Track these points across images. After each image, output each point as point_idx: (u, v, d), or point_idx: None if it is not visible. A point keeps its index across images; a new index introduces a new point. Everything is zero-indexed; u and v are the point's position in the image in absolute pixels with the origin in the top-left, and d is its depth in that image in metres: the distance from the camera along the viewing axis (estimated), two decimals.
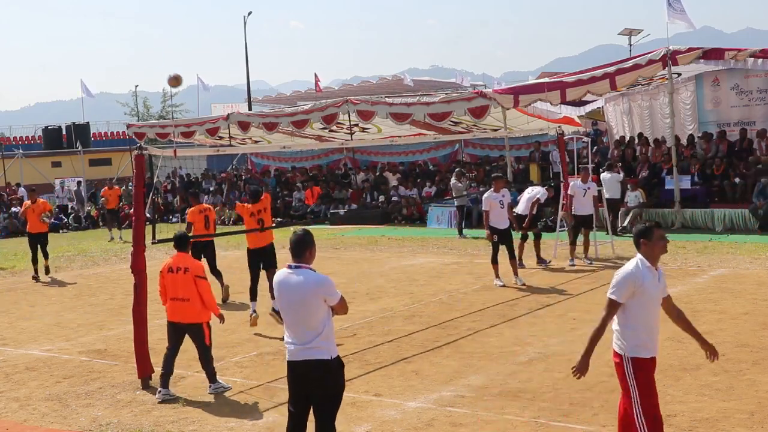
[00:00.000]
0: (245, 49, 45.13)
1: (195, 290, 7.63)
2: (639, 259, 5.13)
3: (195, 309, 7.68)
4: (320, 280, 5.29)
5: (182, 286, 7.66)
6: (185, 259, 7.81)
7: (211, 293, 7.80)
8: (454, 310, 11.25)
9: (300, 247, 5.37)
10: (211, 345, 7.92)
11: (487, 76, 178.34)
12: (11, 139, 49.68)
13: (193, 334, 7.81)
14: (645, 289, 5.06)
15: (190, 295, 7.64)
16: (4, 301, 13.97)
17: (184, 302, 7.67)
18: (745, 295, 11.21)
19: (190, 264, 7.78)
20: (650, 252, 5.13)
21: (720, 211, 18.24)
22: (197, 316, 7.72)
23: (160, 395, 7.72)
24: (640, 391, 5.03)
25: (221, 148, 24.53)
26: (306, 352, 5.22)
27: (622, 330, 5.17)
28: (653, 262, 5.14)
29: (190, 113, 51.23)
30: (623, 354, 5.14)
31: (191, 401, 7.65)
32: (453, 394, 7.43)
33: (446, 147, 28.63)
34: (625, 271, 5.12)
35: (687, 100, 22.07)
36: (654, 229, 5.14)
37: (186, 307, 7.69)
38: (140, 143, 23.62)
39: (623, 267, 5.21)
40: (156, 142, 32.34)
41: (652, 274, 5.10)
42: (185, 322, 7.76)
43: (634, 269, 5.09)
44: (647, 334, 5.13)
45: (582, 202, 14.60)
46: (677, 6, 19.24)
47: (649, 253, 5.13)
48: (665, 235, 5.21)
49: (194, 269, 7.73)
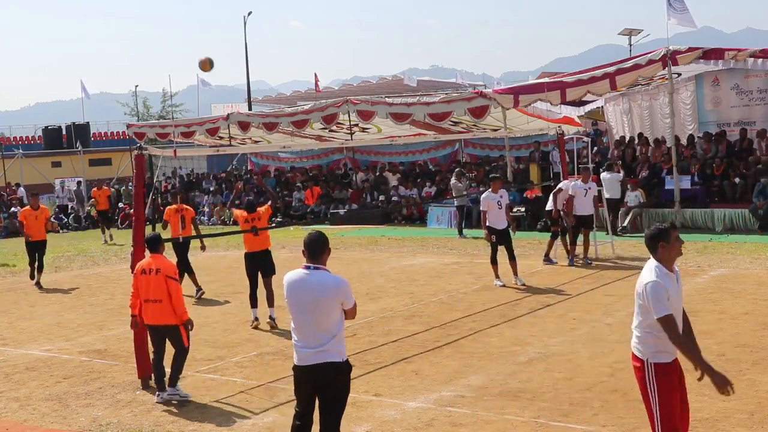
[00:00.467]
0: (245, 49, 45.13)
1: (167, 291, 7.52)
2: (656, 266, 4.91)
3: (167, 310, 7.55)
4: (339, 283, 5.24)
5: (154, 287, 7.55)
6: (157, 260, 7.69)
7: (180, 296, 7.60)
8: (454, 310, 11.25)
9: (316, 247, 5.31)
10: (188, 347, 7.74)
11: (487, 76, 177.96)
12: (11, 139, 49.68)
13: (170, 336, 7.68)
14: (669, 296, 4.86)
15: (163, 296, 7.52)
16: (4, 301, 13.97)
17: (157, 304, 7.55)
18: (745, 295, 11.21)
19: (161, 265, 7.63)
20: (667, 255, 4.92)
21: (720, 211, 18.23)
22: (169, 318, 7.58)
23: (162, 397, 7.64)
24: (660, 397, 4.87)
25: (221, 148, 24.55)
26: (318, 355, 5.16)
27: (644, 336, 4.96)
28: (669, 265, 4.93)
29: (190, 113, 51.21)
30: (645, 360, 4.95)
31: (191, 401, 7.64)
32: (453, 394, 7.43)
33: (446, 147, 28.64)
34: (654, 284, 4.84)
35: (687, 100, 22.07)
36: (671, 230, 4.92)
37: (160, 309, 7.56)
38: (140, 143, 23.62)
39: (646, 280, 4.89)
40: (156, 142, 32.35)
41: (671, 278, 4.90)
42: (161, 324, 7.64)
43: (658, 278, 4.85)
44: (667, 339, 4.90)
45: (583, 202, 14.60)
46: (678, 6, 19.24)
47: (666, 257, 4.92)
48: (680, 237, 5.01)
49: (165, 270, 7.59)
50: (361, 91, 29.07)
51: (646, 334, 4.95)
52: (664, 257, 4.93)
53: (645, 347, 4.96)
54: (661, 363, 4.90)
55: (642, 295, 4.90)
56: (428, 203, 23.50)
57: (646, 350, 4.95)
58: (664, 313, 4.78)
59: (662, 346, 4.89)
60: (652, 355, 4.92)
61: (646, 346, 4.95)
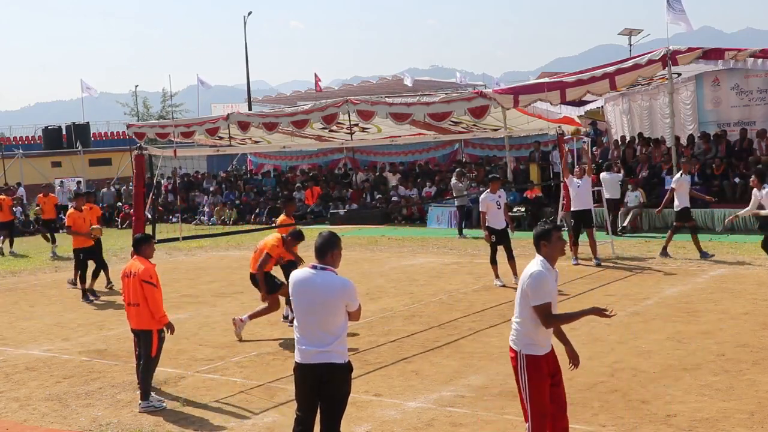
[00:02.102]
0: (245, 49, 45.15)
1: (143, 295, 7.43)
2: (541, 261, 5.27)
3: (144, 315, 7.46)
4: (345, 285, 5.25)
5: (133, 291, 7.49)
6: (135, 263, 7.60)
7: (155, 299, 7.46)
8: (454, 310, 11.25)
9: (324, 247, 5.33)
10: (157, 357, 7.63)
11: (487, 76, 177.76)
12: (11, 139, 49.68)
13: (141, 341, 7.59)
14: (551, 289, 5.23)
15: (139, 300, 7.45)
16: (4, 301, 13.96)
17: (135, 307, 7.50)
18: (745, 295, 11.21)
19: (136, 268, 7.53)
20: (550, 253, 5.29)
21: (720, 211, 18.21)
22: (146, 323, 7.49)
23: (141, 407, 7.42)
24: (531, 386, 5.19)
25: (221, 148, 24.56)
26: (321, 356, 5.16)
27: (520, 328, 5.29)
28: (552, 263, 5.29)
29: (189, 113, 51.25)
30: (518, 351, 5.27)
31: (191, 401, 7.64)
32: (453, 394, 7.43)
33: (445, 147, 28.65)
34: (538, 273, 5.19)
35: (687, 100, 22.07)
36: (553, 230, 5.29)
37: (136, 313, 7.51)
38: (140, 143, 23.60)
39: (531, 270, 5.24)
40: (156, 142, 32.35)
41: (551, 275, 5.26)
42: (137, 329, 7.59)
43: (542, 269, 5.21)
44: (544, 333, 5.26)
45: (577, 198, 14.54)
46: (677, 6, 19.25)
47: (548, 255, 5.29)
48: (563, 237, 5.37)
49: (140, 274, 7.46)
50: (361, 91, 29.08)
51: (522, 327, 5.26)
52: (547, 255, 5.30)
53: (519, 339, 5.29)
54: (533, 355, 5.21)
55: (524, 284, 5.25)
56: (428, 203, 23.50)
57: (519, 342, 5.28)
58: (544, 301, 5.14)
59: (535, 339, 5.22)
60: (525, 347, 5.23)
61: (520, 339, 5.28)
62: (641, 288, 12.06)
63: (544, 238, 5.29)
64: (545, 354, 5.26)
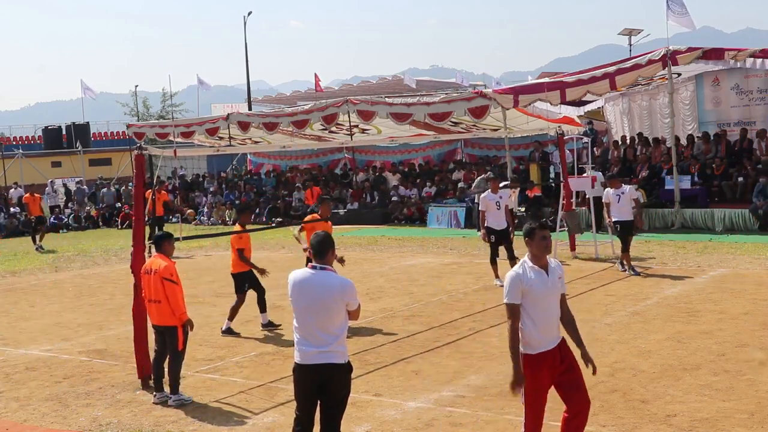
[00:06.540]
0: (245, 49, 45.15)
1: (164, 292, 7.52)
2: (524, 261, 5.38)
3: (166, 311, 7.55)
4: (345, 284, 5.24)
5: (153, 288, 7.58)
6: (157, 260, 7.68)
7: (177, 297, 7.54)
8: (454, 310, 11.25)
9: (322, 247, 5.32)
10: (183, 351, 7.71)
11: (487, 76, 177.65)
12: (11, 139, 49.68)
13: (168, 337, 7.67)
14: (531, 288, 5.25)
15: (161, 297, 7.54)
16: (4, 301, 13.96)
17: (157, 304, 7.58)
18: (745, 295, 11.20)
19: (157, 266, 7.61)
20: (533, 251, 5.36)
21: (720, 211, 18.23)
22: (169, 319, 7.58)
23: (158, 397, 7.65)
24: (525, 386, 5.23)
25: (221, 148, 24.53)
26: (321, 356, 5.15)
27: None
28: (537, 261, 5.34)
29: (189, 113, 51.21)
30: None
31: (191, 401, 7.64)
32: (453, 394, 7.43)
33: (442, 146, 28.65)
34: (514, 275, 5.28)
35: (687, 100, 22.07)
36: (536, 230, 5.34)
37: (159, 309, 7.58)
38: (140, 143, 23.59)
39: (510, 272, 5.37)
40: (156, 142, 32.34)
41: (538, 273, 5.29)
42: (161, 325, 7.66)
43: (518, 270, 5.30)
44: (540, 332, 5.28)
45: (617, 209, 13.58)
46: (676, 8, 19.24)
47: (532, 252, 5.37)
48: (548, 236, 5.41)
49: (161, 271, 7.55)
50: (361, 91, 29.09)
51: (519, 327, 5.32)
52: (531, 253, 5.38)
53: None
54: (528, 354, 5.26)
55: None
56: (428, 203, 23.49)
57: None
58: (511, 301, 5.26)
59: (530, 338, 5.26)
60: (521, 346, 5.29)
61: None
62: (641, 288, 12.07)
63: (527, 236, 5.37)
64: (544, 352, 5.28)
